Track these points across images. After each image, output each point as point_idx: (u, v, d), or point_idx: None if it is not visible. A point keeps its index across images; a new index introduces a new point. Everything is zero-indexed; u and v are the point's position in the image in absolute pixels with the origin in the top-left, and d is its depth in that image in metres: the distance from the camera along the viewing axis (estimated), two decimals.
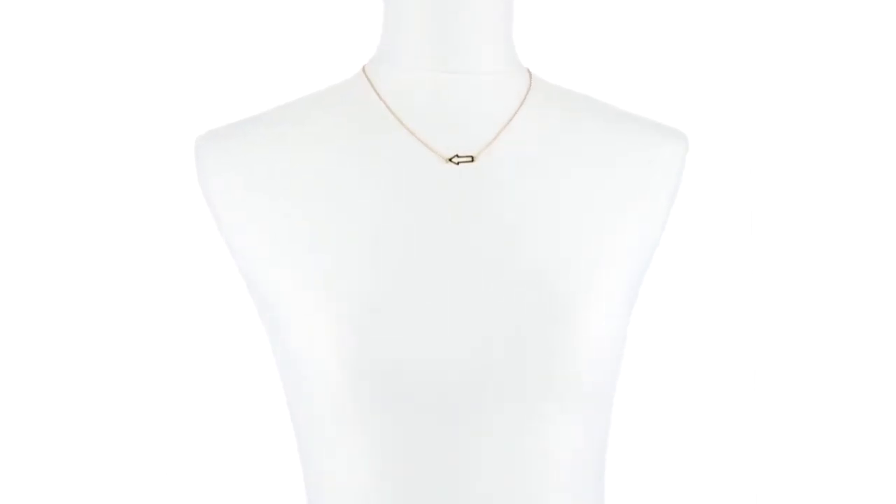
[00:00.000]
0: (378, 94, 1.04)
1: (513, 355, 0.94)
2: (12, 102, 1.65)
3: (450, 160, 1.01)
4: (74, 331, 1.67)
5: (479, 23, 1.02)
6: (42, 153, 1.66)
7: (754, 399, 1.79)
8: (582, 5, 1.71)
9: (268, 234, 0.98)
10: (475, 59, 1.02)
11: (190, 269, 1.65)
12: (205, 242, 1.31)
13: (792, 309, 1.78)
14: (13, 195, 1.66)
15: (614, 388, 1.02)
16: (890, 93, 1.76)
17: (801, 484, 1.78)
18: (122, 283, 1.67)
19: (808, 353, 1.78)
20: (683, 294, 1.75)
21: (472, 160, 1.01)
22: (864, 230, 1.78)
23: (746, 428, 1.79)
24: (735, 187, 1.77)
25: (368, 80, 1.05)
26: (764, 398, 1.78)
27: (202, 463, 1.68)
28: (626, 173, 1.07)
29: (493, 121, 1.03)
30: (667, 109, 1.31)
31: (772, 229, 1.78)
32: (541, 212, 1.01)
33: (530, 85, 1.08)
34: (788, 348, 1.78)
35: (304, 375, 0.96)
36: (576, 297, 0.97)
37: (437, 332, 0.93)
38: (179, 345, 1.67)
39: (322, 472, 0.98)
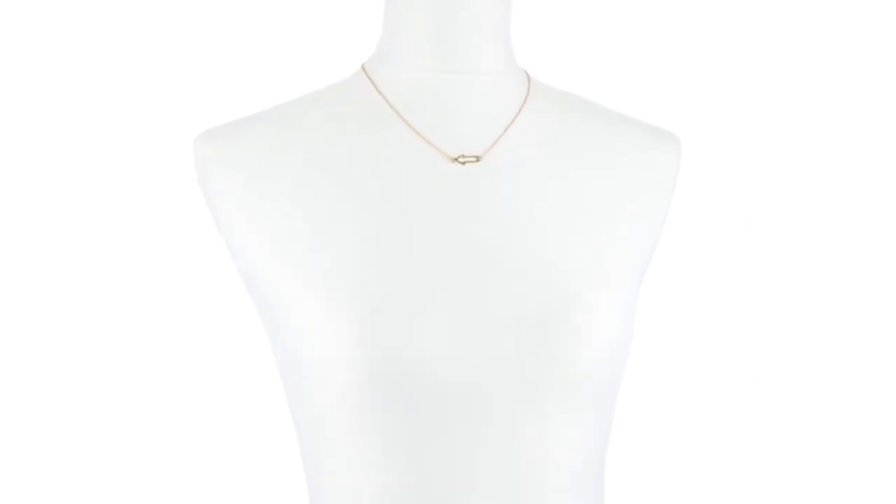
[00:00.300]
0: (380, 93, 1.04)
1: (518, 355, 0.94)
2: (12, 102, 1.65)
3: (455, 160, 1.01)
4: (74, 331, 1.67)
5: (480, 23, 1.02)
6: (42, 154, 1.66)
7: (753, 399, 1.79)
8: (573, 7, 1.71)
9: (269, 235, 0.98)
10: (475, 60, 1.02)
11: (189, 269, 1.65)
12: (204, 243, 1.31)
13: (789, 308, 1.78)
14: (12, 195, 1.66)
15: (617, 388, 1.02)
16: (884, 92, 1.77)
17: (802, 484, 1.78)
18: (122, 285, 1.66)
19: (806, 353, 1.79)
20: (680, 294, 1.75)
21: (477, 160, 1.01)
22: (859, 228, 1.78)
23: (745, 428, 1.79)
24: (730, 187, 1.78)
25: (369, 78, 1.05)
26: (762, 398, 1.78)
27: (203, 463, 1.67)
28: (627, 174, 1.08)
29: (495, 121, 1.04)
30: (655, 110, 1.31)
31: (767, 228, 1.78)
32: (545, 213, 1.01)
33: (529, 86, 1.08)
34: (786, 347, 1.78)
35: (305, 375, 0.95)
36: (581, 296, 0.97)
37: (442, 332, 0.93)
38: (179, 346, 1.67)
39: (323, 472, 0.98)
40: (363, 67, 1.07)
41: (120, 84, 1.65)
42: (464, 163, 1.01)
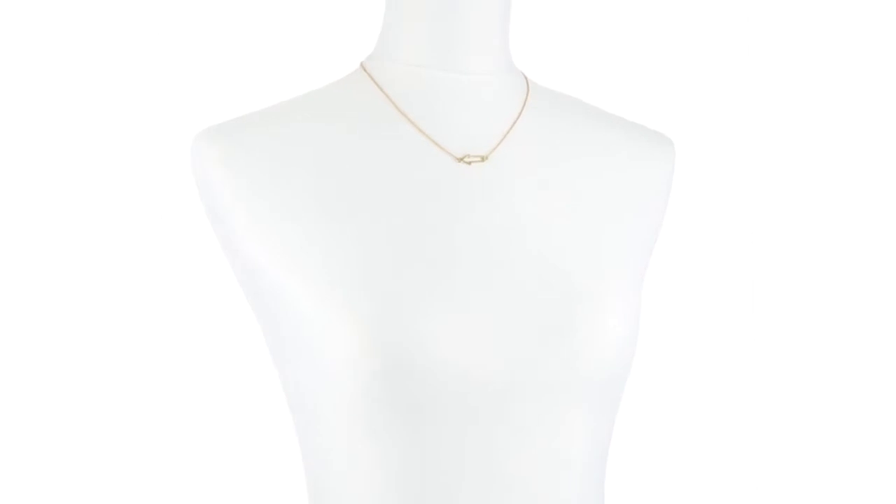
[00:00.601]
0: (383, 92, 1.03)
1: (529, 354, 0.94)
2: (12, 102, 1.64)
3: (461, 160, 1.01)
4: (72, 333, 1.66)
5: (482, 25, 1.02)
6: (42, 154, 1.65)
7: (747, 400, 1.79)
8: (562, 9, 1.72)
9: (273, 234, 0.96)
10: (476, 61, 1.03)
11: (183, 269, 1.64)
12: (199, 243, 1.30)
13: (783, 307, 1.79)
14: (12, 195, 1.64)
15: (623, 387, 1.02)
16: (880, 92, 1.77)
17: (801, 484, 1.78)
18: (120, 286, 1.65)
19: (800, 352, 1.79)
20: (674, 295, 1.75)
21: (482, 160, 1.01)
22: (856, 227, 1.79)
23: (737, 431, 1.79)
24: (722, 189, 1.78)
25: (370, 77, 1.04)
26: (757, 399, 1.79)
27: (202, 464, 1.66)
28: (625, 176, 1.09)
29: (496, 122, 1.04)
30: (646, 112, 1.32)
31: (761, 229, 1.79)
32: (551, 213, 1.01)
33: (528, 88, 1.09)
34: (780, 346, 1.79)
35: (310, 376, 0.95)
36: (592, 296, 0.97)
37: (453, 330, 0.92)
38: (173, 347, 1.66)
39: (328, 473, 0.97)
40: (362, 65, 1.06)
41: (114, 83, 1.64)
42: (469, 163, 1.01)
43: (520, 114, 1.05)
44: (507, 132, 1.04)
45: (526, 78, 1.10)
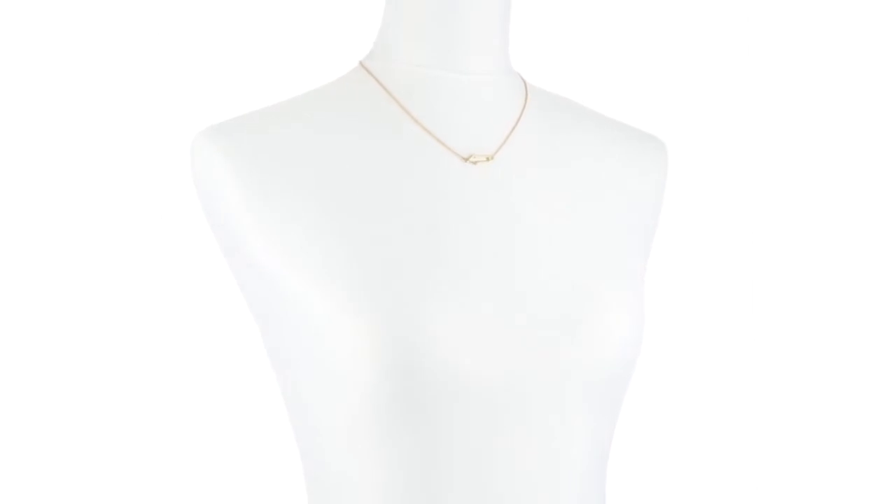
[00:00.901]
0: (387, 91, 1.03)
1: (538, 354, 0.94)
2: (11, 102, 1.63)
3: (466, 159, 1.01)
4: (71, 335, 1.65)
5: (482, 25, 1.02)
6: (42, 155, 1.65)
7: (742, 401, 1.79)
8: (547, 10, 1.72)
9: (278, 235, 0.96)
10: (478, 61, 1.03)
11: (188, 273, 1.64)
12: (198, 245, 1.30)
13: (783, 308, 1.79)
14: (12, 195, 1.64)
15: (627, 386, 1.02)
16: (879, 93, 1.77)
17: (801, 484, 1.78)
18: (118, 288, 1.65)
19: (795, 352, 1.79)
20: (671, 296, 1.75)
21: (488, 160, 1.01)
22: (851, 226, 1.79)
23: (738, 431, 1.79)
24: (716, 189, 1.78)
25: (372, 76, 1.04)
26: (751, 400, 1.79)
27: (202, 466, 1.66)
28: (622, 177, 1.10)
29: (499, 122, 1.04)
30: (637, 113, 1.32)
31: (757, 228, 1.79)
32: (555, 214, 1.02)
33: (526, 89, 1.09)
34: (779, 347, 1.79)
35: (315, 378, 0.94)
36: (599, 296, 0.98)
37: (462, 329, 0.92)
38: (175, 350, 1.66)
39: (329, 473, 0.96)
40: (362, 64, 1.06)
41: (114, 83, 1.64)
42: (475, 162, 1.01)
43: (520, 115, 1.06)
44: (510, 133, 1.04)
45: (523, 79, 1.10)
